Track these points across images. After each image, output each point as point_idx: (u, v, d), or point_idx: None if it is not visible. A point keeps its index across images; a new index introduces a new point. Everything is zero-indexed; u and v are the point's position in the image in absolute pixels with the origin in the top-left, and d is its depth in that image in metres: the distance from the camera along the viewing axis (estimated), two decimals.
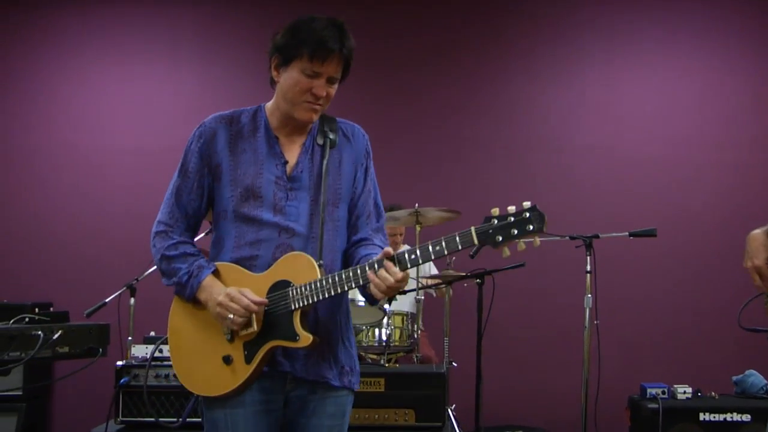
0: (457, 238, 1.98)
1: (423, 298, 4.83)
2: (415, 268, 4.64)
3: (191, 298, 2.22)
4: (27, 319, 3.06)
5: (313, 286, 2.09)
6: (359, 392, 3.70)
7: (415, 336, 4.60)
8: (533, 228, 1.94)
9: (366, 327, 4.54)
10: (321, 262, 2.16)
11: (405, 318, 4.62)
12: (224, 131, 2.26)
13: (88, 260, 5.96)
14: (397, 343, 4.56)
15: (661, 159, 5.88)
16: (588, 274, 4.39)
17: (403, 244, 5.50)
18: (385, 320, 4.52)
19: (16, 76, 6.30)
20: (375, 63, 6.04)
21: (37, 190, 6.15)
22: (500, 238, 1.96)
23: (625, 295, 5.68)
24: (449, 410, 4.64)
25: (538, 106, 6.07)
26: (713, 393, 4.48)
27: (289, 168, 2.25)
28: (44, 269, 5.97)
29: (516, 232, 1.96)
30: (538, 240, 1.99)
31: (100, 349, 3.12)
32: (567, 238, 4.54)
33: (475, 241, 1.97)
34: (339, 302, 2.27)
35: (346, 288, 2.09)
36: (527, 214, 1.95)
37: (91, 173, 6.14)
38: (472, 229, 1.97)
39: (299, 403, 2.22)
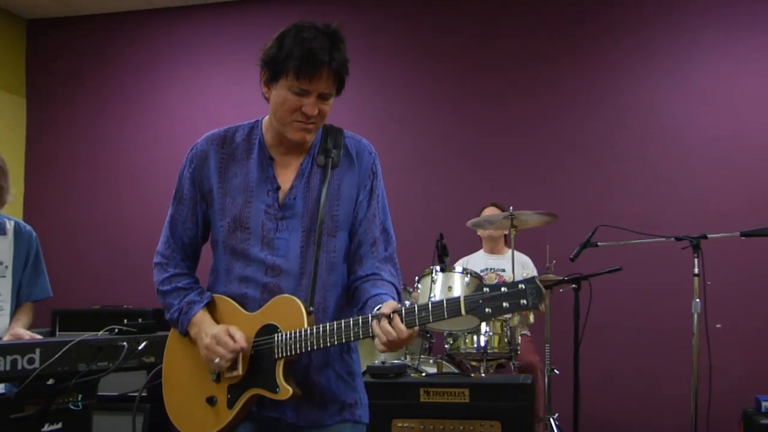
0: (445, 307, 1.82)
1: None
2: (511, 268, 4.59)
3: (184, 334, 2.15)
4: (117, 330, 3.22)
5: (297, 336, 1.94)
6: (443, 403, 3.68)
7: (515, 342, 4.48)
8: (527, 304, 1.76)
9: (464, 333, 4.46)
10: (312, 308, 1.99)
11: (504, 324, 4.51)
12: (215, 154, 2.12)
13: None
14: (496, 350, 4.43)
15: None
16: (696, 277, 4.13)
17: (507, 248, 5.37)
18: (483, 326, 4.43)
19: (131, 92, 6.67)
20: (478, 64, 5.95)
21: (155, 202, 6.47)
22: (489, 311, 1.78)
23: (737, 299, 5.28)
24: (552, 419, 4.50)
25: (651, 102, 5.75)
26: None
27: (281, 194, 2.08)
28: None
29: (507, 305, 1.77)
30: (531, 317, 1.82)
31: None
32: (672, 239, 4.31)
33: (463, 312, 1.80)
34: None
35: (329, 343, 1.91)
36: (522, 286, 1.77)
37: None
38: (462, 298, 1.81)
39: None
